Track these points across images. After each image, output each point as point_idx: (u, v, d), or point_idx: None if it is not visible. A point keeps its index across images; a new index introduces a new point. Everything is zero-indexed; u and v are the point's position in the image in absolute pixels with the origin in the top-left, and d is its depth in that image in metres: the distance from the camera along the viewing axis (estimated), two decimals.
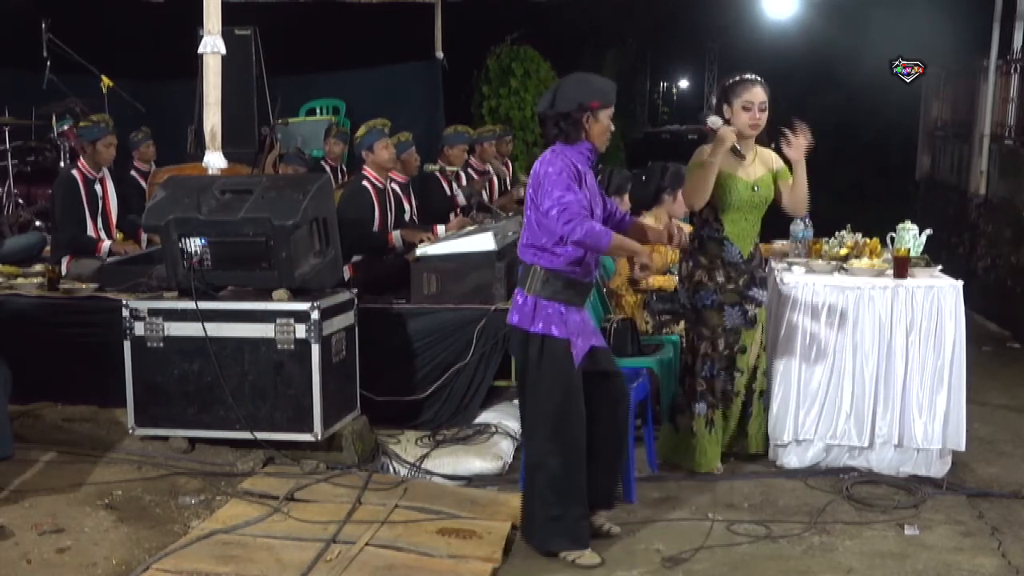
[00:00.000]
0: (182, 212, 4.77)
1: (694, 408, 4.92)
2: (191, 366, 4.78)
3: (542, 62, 12.75)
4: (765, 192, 4.82)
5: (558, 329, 3.93)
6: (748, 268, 4.84)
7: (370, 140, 6.17)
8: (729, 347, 4.87)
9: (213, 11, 5.33)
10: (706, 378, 4.90)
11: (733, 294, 4.83)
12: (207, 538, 4.03)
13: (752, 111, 4.73)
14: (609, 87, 4.00)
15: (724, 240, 4.81)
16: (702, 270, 4.82)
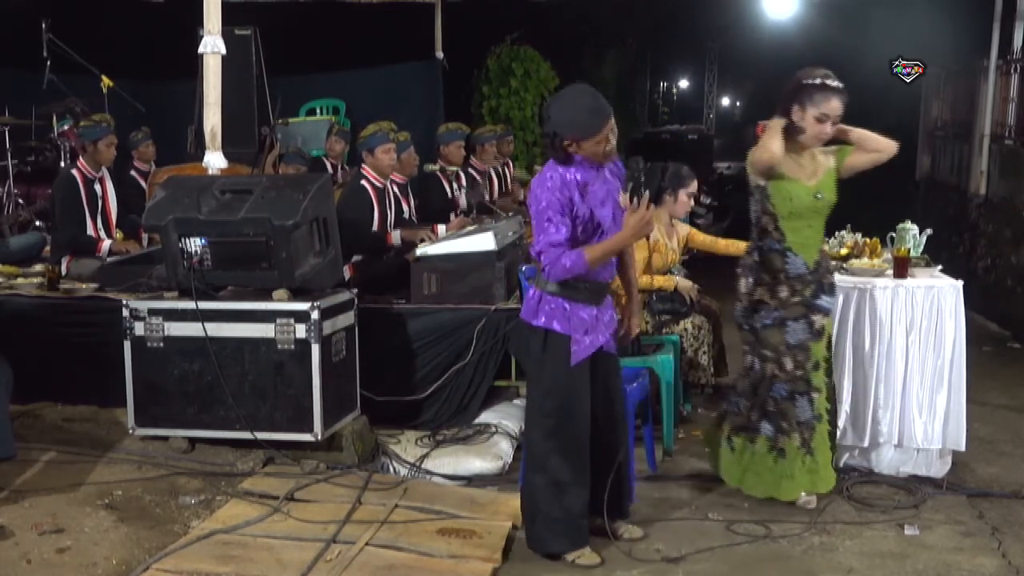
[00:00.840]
0: (182, 212, 4.77)
1: (762, 428, 4.52)
2: (191, 366, 4.78)
3: (542, 62, 12.75)
4: (829, 197, 4.42)
5: (560, 324, 3.93)
6: (815, 277, 4.45)
7: (374, 142, 6.16)
8: (800, 365, 4.44)
9: (213, 11, 5.33)
10: (776, 399, 4.48)
11: (798, 307, 4.42)
12: (207, 538, 4.04)
13: (826, 125, 4.33)
14: (591, 116, 3.80)
15: (787, 251, 4.42)
16: (763, 288, 4.45)
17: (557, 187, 3.83)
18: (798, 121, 4.33)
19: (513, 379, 5.68)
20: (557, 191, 3.82)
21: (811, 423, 4.46)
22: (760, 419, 4.53)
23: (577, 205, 3.83)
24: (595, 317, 3.98)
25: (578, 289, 3.93)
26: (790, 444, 4.45)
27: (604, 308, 4.04)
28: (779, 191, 4.37)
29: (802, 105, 4.32)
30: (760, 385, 4.51)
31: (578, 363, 3.93)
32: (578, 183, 3.86)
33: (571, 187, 3.85)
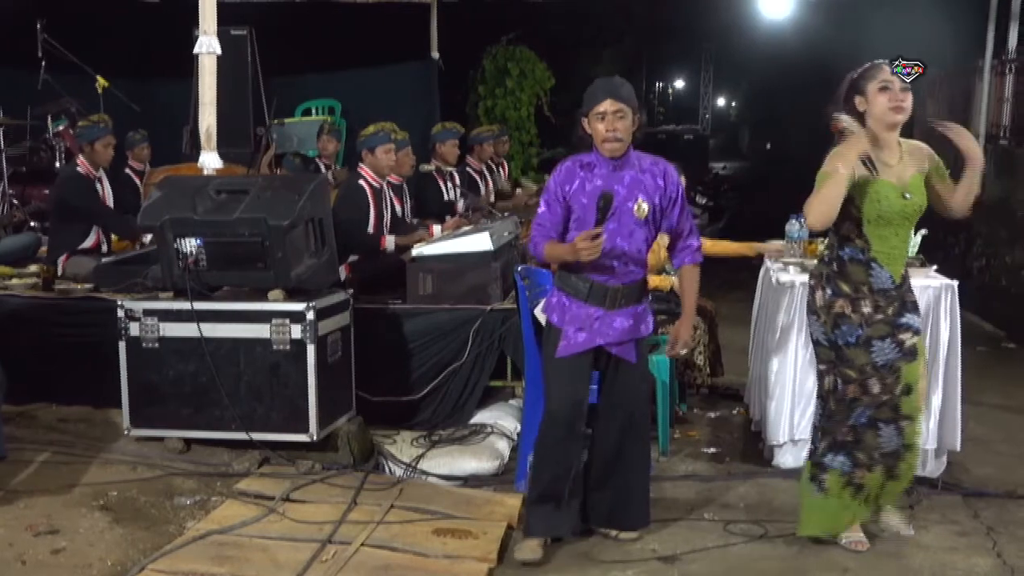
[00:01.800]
0: (178, 212, 4.77)
1: (826, 462, 4.08)
2: (186, 367, 4.78)
3: (538, 63, 12.75)
4: (918, 199, 3.90)
5: (556, 317, 4.03)
6: (899, 294, 3.96)
7: (375, 142, 6.14)
8: (888, 389, 3.94)
9: (209, 11, 5.33)
10: (854, 427, 4.01)
11: (883, 326, 3.93)
12: (203, 539, 4.03)
13: (892, 90, 3.80)
14: (592, 90, 3.98)
15: (872, 262, 3.90)
16: (844, 300, 3.93)
17: (560, 172, 4.02)
18: (866, 109, 3.87)
19: (509, 379, 5.68)
20: (559, 175, 4.01)
21: (899, 452, 4.00)
22: (828, 450, 4.07)
23: (570, 195, 3.96)
24: (597, 318, 3.98)
25: (578, 288, 3.99)
26: (872, 477, 4.02)
27: (616, 314, 4.00)
28: (864, 192, 3.85)
29: (861, 90, 3.87)
30: (838, 408, 4.03)
31: (563, 357, 3.97)
32: (583, 176, 3.96)
33: (573, 176, 3.97)
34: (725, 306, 7.48)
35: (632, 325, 4.04)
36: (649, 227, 4.03)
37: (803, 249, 5.56)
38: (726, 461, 5.27)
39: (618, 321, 4.01)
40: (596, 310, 3.98)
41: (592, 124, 3.94)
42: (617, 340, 4.01)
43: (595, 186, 3.94)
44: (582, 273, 3.98)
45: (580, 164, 3.99)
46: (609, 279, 3.99)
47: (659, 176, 4.03)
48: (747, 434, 5.66)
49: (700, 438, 5.66)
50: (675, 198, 4.07)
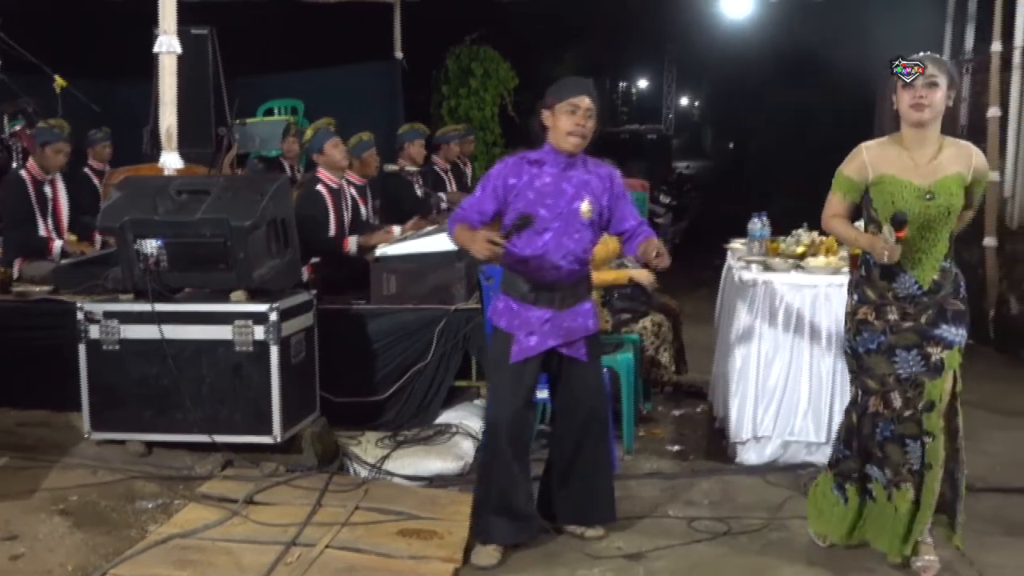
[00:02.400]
0: (138, 213, 4.72)
1: (869, 472, 3.96)
2: (148, 369, 4.73)
3: (502, 62, 12.75)
4: (944, 200, 3.66)
5: (505, 321, 4.01)
6: (933, 301, 3.75)
7: (319, 142, 6.11)
8: (910, 404, 3.78)
9: (169, 11, 5.28)
10: (880, 443, 3.88)
11: (911, 334, 3.75)
12: (165, 543, 3.99)
13: (915, 87, 3.63)
14: (567, 83, 3.97)
15: (894, 267, 3.76)
16: (868, 306, 3.82)
17: (506, 165, 3.99)
18: (896, 105, 3.73)
19: (474, 379, 5.68)
20: (504, 168, 3.98)
21: (922, 472, 3.80)
22: (867, 462, 3.96)
23: (514, 190, 3.91)
24: (547, 320, 3.98)
25: (524, 292, 3.97)
26: (902, 496, 3.84)
27: (564, 314, 4.01)
28: (881, 192, 3.73)
29: (893, 87, 3.73)
30: (863, 422, 3.93)
31: (517, 362, 3.97)
32: (532, 172, 3.92)
33: (520, 172, 3.93)
34: (689, 304, 7.52)
35: (581, 323, 4.06)
36: (594, 228, 4.05)
37: (765, 247, 5.61)
38: (690, 459, 5.31)
39: (567, 321, 4.02)
40: (545, 312, 3.98)
41: (559, 116, 3.90)
42: (567, 340, 4.03)
43: (544, 183, 3.92)
44: (528, 276, 3.97)
45: (528, 160, 3.97)
46: (556, 280, 3.98)
47: (605, 178, 4.07)
48: (711, 431, 5.70)
49: (664, 436, 5.69)
50: (621, 195, 4.10)
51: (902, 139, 3.74)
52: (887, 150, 3.75)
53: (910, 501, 3.82)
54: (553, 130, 3.94)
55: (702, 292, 8.64)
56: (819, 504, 4.13)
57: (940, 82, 3.63)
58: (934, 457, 3.76)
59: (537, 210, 3.92)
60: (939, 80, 3.63)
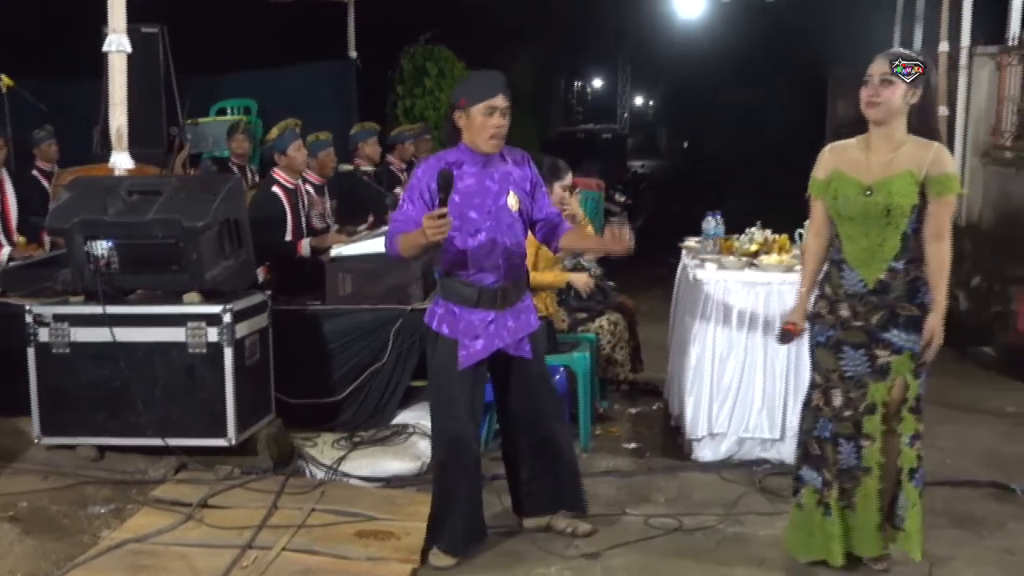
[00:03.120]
0: (88, 214, 4.66)
1: (802, 475, 3.91)
2: (99, 372, 4.67)
3: (456, 62, 12.76)
4: (883, 199, 3.61)
5: (448, 328, 3.94)
6: (883, 302, 3.70)
7: (285, 143, 6.05)
8: (851, 404, 3.76)
9: (118, 9, 5.21)
10: (819, 439, 3.84)
11: (858, 333, 3.73)
12: (118, 548, 3.95)
13: (869, 84, 3.68)
14: (483, 82, 3.85)
15: (842, 263, 3.75)
16: (824, 300, 3.83)
17: (426, 170, 3.88)
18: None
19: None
20: (425, 173, 3.86)
21: (854, 474, 3.78)
22: (803, 462, 3.91)
23: (434, 195, 3.77)
24: (491, 322, 3.93)
25: (466, 295, 3.91)
26: (832, 497, 3.82)
27: (506, 314, 3.96)
28: (830, 188, 3.77)
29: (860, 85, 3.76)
30: (804, 415, 3.92)
31: (466, 368, 3.92)
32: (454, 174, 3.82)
33: (434, 171, 3.81)
34: (644, 303, 7.57)
35: (524, 320, 4.02)
36: (523, 218, 4.01)
37: (719, 246, 5.65)
38: (646, 456, 5.34)
39: (511, 320, 3.97)
40: (488, 314, 3.92)
41: (476, 118, 3.81)
42: (513, 340, 3.98)
43: (468, 184, 3.87)
44: (468, 279, 3.91)
45: (446, 162, 3.86)
46: (497, 280, 3.92)
47: (523, 164, 4.02)
48: (667, 429, 5.74)
49: (621, 434, 5.72)
50: (538, 183, 4.07)
51: (867, 137, 3.75)
52: (848, 149, 3.78)
53: (835, 499, 3.81)
54: (469, 131, 3.85)
55: (657, 291, 8.70)
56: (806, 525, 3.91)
57: (896, 80, 3.61)
58: (872, 461, 3.74)
59: (466, 212, 3.85)
60: (893, 78, 3.61)
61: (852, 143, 3.80)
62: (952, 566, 3.93)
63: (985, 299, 8.72)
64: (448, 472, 4.02)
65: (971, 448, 5.41)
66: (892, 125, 3.67)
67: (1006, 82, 8.90)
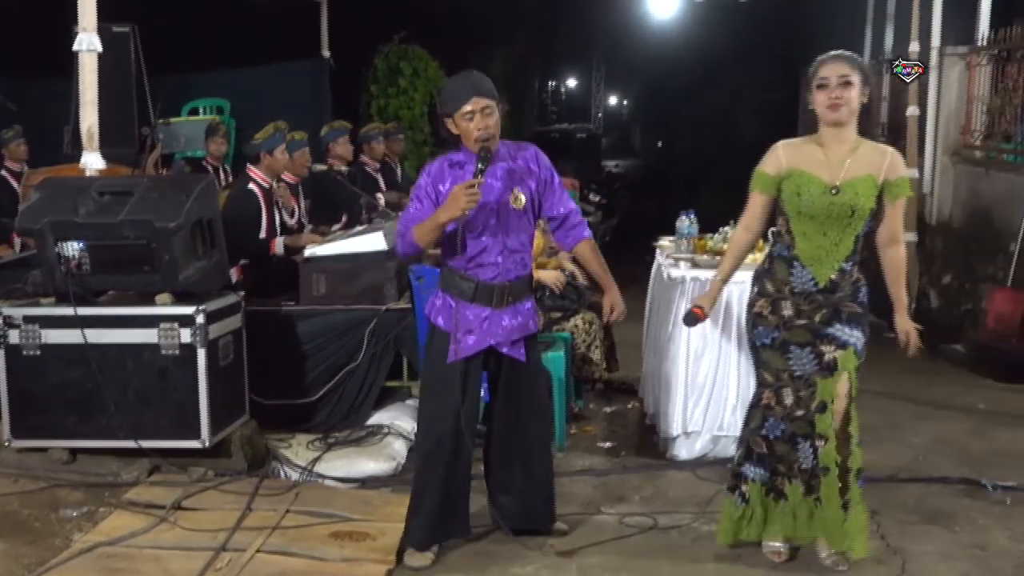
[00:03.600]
0: (59, 215, 4.62)
1: (745, 471, 3.92)
2: (71, 374, 4.63)
3: (430, 61, 12.74)
4: (849, 199, 3.65)
5: (444, 320, 3.94)
6: (828, 300, 3.75)
7: (273, 144, 5.98)
8: (802, 403, 3.78)
9: (89, 7, 5.17)
10: (767, 438, 3.86)
11: (803, 332, 3.76)
12: (90, 551, 3.92)
13: (828, 87, 3.63)
14: (457, 88, 3.87)
15: (794, 260, 3.76)
16: (765, 299, 3.82)
17: (431, 171, 3.92)
18: (813, 106, 3.73)
19: (405, 379, 5.66)
20: (431, 174, 3.91)
21: (816, 473, 3.80)
22: (745, 460, 3.93)
23: (444, 195, 3.82)
24: (485, 318, 3.91)
25: (463, 288, 3.91)
26: (792, 488, 3.85)
27: (503, 312, 3.93)
28: (789, 185, 3.74)
29: (809, 86, 3.72)
30: (752, 415, 3.92)
31: (454, 361, 3.90)
32: (456, 175, 3.86)
33: (445, 176, 3.87)
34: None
35: (521, 323, 3.99)
36: (529, 217, 3.98)
37: (693, 245, 5.67)
38: (622, 455, 5.35)
39: (506, 320, 3.94)
40: (483, 310, 3.90)
41: (460, 125, 3.84)
42: (507, 339, 3.96)
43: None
44: (467, 272, 3.90)
45: (450, 163, 3.90)
46: (495, 276, 3.90)
47: (531, 161, 3.99)
48: (642, 428, 5.76)
49: (596, 433, 5.73)
50: (550, 180, 4.02)
51: (819, 138, 3.76)
52: (802, 147, 3.78)
53: (801, 494, 3.84)
54: (462, 136, 3.87)
55: (632, 290, 8.67)
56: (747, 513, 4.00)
57: (854, 80, 3.64)
58: (829, 460, 3.76)
59: (469, 213, 3.84)
60: (852, 78, 3.64)
61: (802, 141, 3.80)
62: (924, 561, 3.96)
63: (956, 297, 8.81)
64: (428, 466, 3.99)
65: (943, 445, 5.46)
66: (849, 126, 3.72)
67: (976, 82, 9.00)
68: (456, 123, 3.85)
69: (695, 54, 22.36)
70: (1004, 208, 8.31)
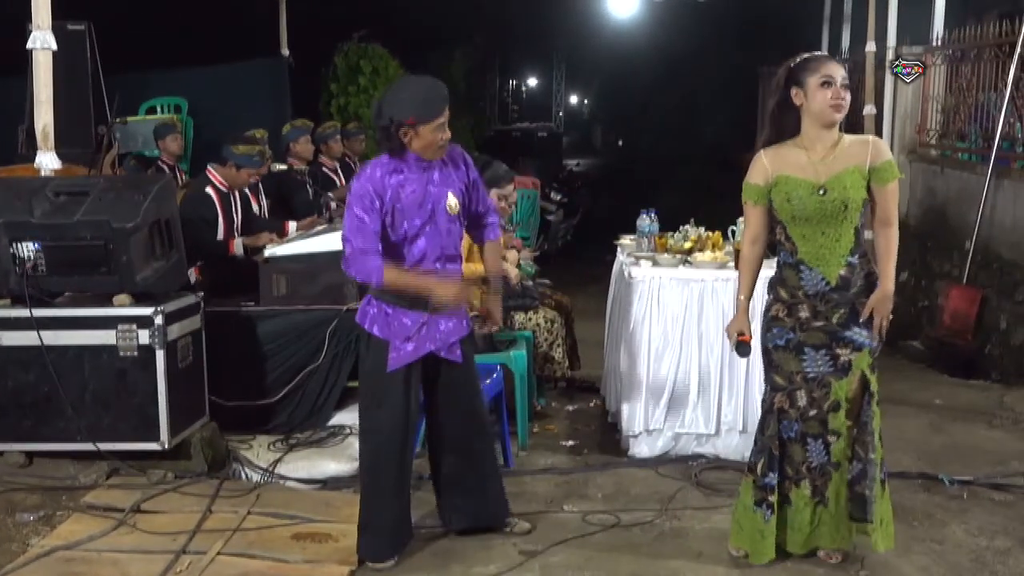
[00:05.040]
0: (13, 215, 4.56)
1: (769, 482, 3.86)
2: (26, 377, 4.57)
3: (390, 60, 12.70)
4: (839, 195, 3.67)
5: (380, 329, 3.89)
6: (844, 298, 3.75)
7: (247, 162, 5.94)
8: (815, 403, 3.79)
9: (43, 5, 5.10)
10: (783, 440, 3.86)
11: (819, 333, 3.76)
12: (47, 555, 3.87)
13: (834, 87, 3.64)
14: (432, 98, 3.77)
15: (800, 264, 3.76)
16: (780, 304, 3.82)
17: (372, 178, 3.79)
18: (803, 103, 3.70)
19: None
20: (374, 181, 3.78)
21: (826, 470, 3.82)
22: (768, 471, 3.87)
23: (385, 203, 3.76)
24: (422, 324, 3.88)
25: (399, 297, 3.85)
26: (798, 493, 3.86)
27: (439, 317, 3.90)
28: (779, 192, 3.76)
29: (800, 82, 3.69)
30: (767, 419, 3.90)
31: (395, 370, 3.87)
32: (398, 180, 3.79)
33: (382, 184, 3.77)
34: (581, 300, 7.61)
35: (456, 324, 3.97)
36: (461, 220, 3.97)
37: (654, 243, 5.70)
38: (584, 453, 5.37)
39: (443, 324, 3.92)
40: (421, 315, 3.87)
41: (426, 136, 3.74)
42: (445, 343, 3.94)
43: (412, 189, 3.80)
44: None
45: (390, 168, 3.80)
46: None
47: (459, 161, 3.97)
48: (604, 426, 5.78)
49: (558, 431, 5.75)
50: (475, 179, 4.02)
51: (801, 140, 3.76)
52: (784, 152, 3.78)
53: (807, 496, 3.84)
54: (417, 145, 3.77)
55: (593, 288, 8.75)
56: (739, 518, 3.98)
57: (848, 84, 3.71)
58: (840, 456, 3.79)
59: (412, 220, 3.81)
60: (848, 83, 3.71)
61: (782, 147, 3.80)
62: (882, 556, 4.00)
63: (913, 294, 8.93)
64: (380, 479, 3.95)
65: (901, 440, 5.52)
66: (837, 126, 3.76)
67: (931, 82, 9.12)
68: (420, 133, 3.74)
69: (655, 53, 22.46)
70: (959, 206, 8.44)
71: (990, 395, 6.56)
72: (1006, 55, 7.78)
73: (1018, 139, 7.74)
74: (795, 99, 3.71)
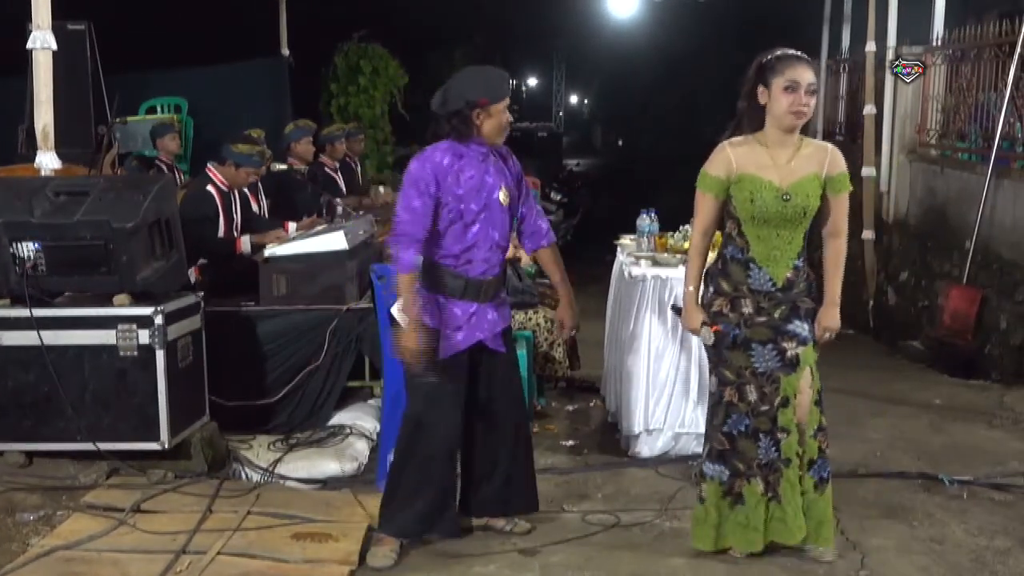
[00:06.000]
0: (13, 215, 4.56)
1: (705, 470, 3.92)
2: (26, 376, 4.57)
3: (391, 60, 12.71)
4: (801, 201, 3.69)
5: (431, 318, 3.92)
6: (787, 297, 3.78)
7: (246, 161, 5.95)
8: (765, 399, 3.80)
9: (43, 4, 5.10)
10: (730, 434, 3.86)
11: (764, 329, 3.78)
12: (47, 555, 3.87)
13: (797, 92, 3.62)
14: (499, 80, 3.96)
15: (750, 262, 3.78)
16: (723, 298, 3.81)
17: (432, 162, 3.87)
18: (766, 102, 3.69)
19: (367, 379, 5.64)
20: (434, 165, 3.86)
21: (776, 466, 3.82)
22: (706, 459, 3.93)
23: (442, 188, 3.84)
24: (472, 314, 3.95)
25: (454, 286, 3.92)
26: (750, 489, 3.84)
27: (488, 306, 3.98)
28: (741, 190, 3.73)
29: (766, 82, 3.67)
30: (715, 412, 3.90)
31: (446, 358, 3.92)
32: (457, 166, 3.86)
33: (443, 169, 3.85)
34: (581, 300, 7.55)
35: (500, 315, 4.06)
36: (511, 213, 4.05)
37: (653, 243, 5.70)
38: (584, 453, 5.36)
39: (490, 314, 4.00)
40: (471, 305, 3.94)
41: (494, 116, 3.88)
42: (491, 333, 4.01)
43: (469, 177, 3.88)
44: (456, 269, 3.92)
45: (452, 154, 3.88)
46: (483, 271, 3.95)
47: (509, 158, 4.09)
48: (604, 425, 5.78)
49: (559, 431, 5.74)
50: (521, 178, 4.13)
51: (764, 138, 3.75)
52: (749, 148, 3.75)
53: (760, 493, 3.84)
54: (487, 128, 3.88)
55: (593, 288, 8.73)
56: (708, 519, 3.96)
57: (816, 88, 3.69)
58: (791, 452, 3.81)
59: (468, 205, 3.88)
60: (815, 86, 3.69)
61: (747, 141, 3.78)
62: (882, 556, 4.01)
63: (913, 294, 8.93)
64: (434, 460, 3.97)
65: (901, 440, 5.52)
66: (798, 130, 3.75)
67: (931, 82, 9.12)
68: (491, 113, 3.87)
69: (655, 53, 22.47)
70: (959, 206, 8.43)
71: (990, 395, 6.55)
72: (1006, 55, 7.78)
73: (1018, 139, 7.73)
74: (760, 98, 3.71)
